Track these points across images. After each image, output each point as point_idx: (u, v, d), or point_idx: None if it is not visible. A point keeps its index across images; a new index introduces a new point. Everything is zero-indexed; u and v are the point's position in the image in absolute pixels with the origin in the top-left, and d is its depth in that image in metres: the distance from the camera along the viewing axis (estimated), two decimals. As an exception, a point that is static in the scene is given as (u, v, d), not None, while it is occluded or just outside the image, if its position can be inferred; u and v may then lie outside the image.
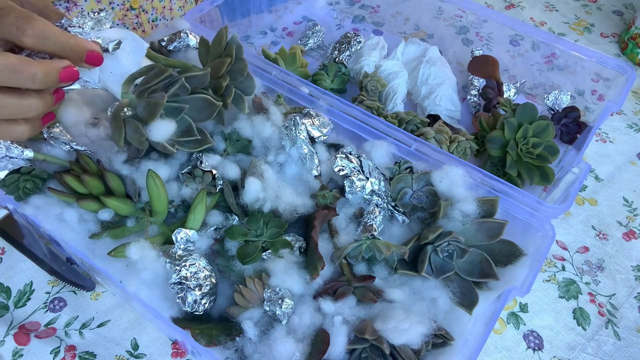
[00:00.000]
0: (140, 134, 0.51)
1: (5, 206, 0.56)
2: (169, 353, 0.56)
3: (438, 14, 0.92)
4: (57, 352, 0.55)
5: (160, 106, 0.49)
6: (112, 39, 0.53)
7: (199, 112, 0.54)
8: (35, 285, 0.60)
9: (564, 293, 0.64)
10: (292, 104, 0.67)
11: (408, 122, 0.69)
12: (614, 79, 0.76)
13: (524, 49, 0.84)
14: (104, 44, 0.52)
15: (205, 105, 0.53)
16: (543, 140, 0.66)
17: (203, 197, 0.52)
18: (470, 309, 0.50)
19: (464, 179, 0.56)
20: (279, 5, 1.00)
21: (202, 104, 0.53)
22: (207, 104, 0.53)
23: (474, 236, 0.53)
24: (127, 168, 0.56)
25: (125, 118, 0.52)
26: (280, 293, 0.48)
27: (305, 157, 0.58)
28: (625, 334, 0.61)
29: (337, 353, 0.45)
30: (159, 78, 0.51)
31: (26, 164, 0.55)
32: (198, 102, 0.53)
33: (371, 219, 0.54)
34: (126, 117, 0.52)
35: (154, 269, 0.50)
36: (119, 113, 0.52)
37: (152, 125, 0.50)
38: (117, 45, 0.53)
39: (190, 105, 0.52)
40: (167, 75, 0.51)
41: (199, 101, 0.53)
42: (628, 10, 1.09)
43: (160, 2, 0.90)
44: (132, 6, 0.87)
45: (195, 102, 0.53)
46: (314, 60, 0.90)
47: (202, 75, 0.53)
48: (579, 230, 0.70)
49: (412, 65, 0.84)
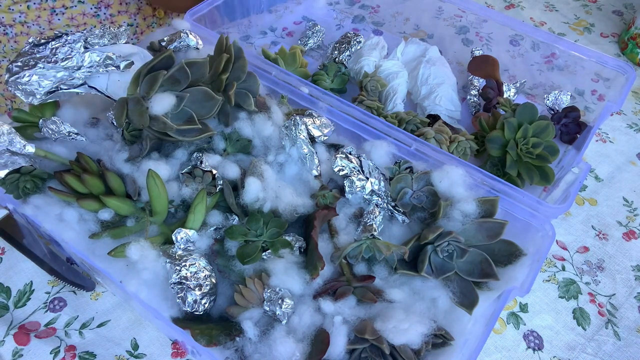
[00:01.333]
0: (141, 107, 0.51)
1: (5, 206, 0.56)
2: (169, 353, 0.56)
3: (438, 14, 0.92)
4: (57, 352, 0.55)
5: (160, 76, 0.50)
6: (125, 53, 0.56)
7: (200, 107, 0.54)
8: (35, 285, 0.60)
9: (564, 293, 0.64)
10: (292, 104, 0.67)
11: (408, 122, 0.69)
12: (614, 79, 0.76)
13: (524, 49, 0.84)
14: (117, 60, 0.54)
15: (205, 98, 0.54)
16: (543, 140, 0.66)
17: (203, 197, 0.52)
18: (470, 309, 0.50)
19: (464, 179, 0.56)
20: (278, 5, 1.00)
21: (202, 96, 0.54)
22: (207, 97, 0.53)
23: (474, 236, 0.53)
24: (127, 167, 0.56)
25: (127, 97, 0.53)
26: (280, 293, 0.48)
27: (305, 157, 0.58)
28: (625, 334, 0.61)
29: (337, 353, 0.45)
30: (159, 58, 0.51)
31: (26, 161, 0.55)
32: (198, 94, 0.53)
33: (371, 219, 0.54)
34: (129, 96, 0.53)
35: (154, 269, 0.50)
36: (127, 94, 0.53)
37: (153, 98, 0.51)
38: (128, 66, 0.55)
39: (190, 97, 0.53)
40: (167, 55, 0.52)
41: (199, 93, 0.53)
42: (628, 10, 1.09)
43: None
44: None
45: (195, 94, 0.53)
46: (314, 60, 0.90)
47: (201, 63, 0.54)
48: (579, 230, 0.70)
49: (412, 65, 0.84)
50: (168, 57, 0.53)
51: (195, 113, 0.54)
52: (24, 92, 0.54)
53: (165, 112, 0.52)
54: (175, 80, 0.52)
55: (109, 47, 0.58)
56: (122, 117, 0.53)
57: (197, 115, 0.54)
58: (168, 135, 0.53)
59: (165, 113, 0.52)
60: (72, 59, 0.54)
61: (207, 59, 0.55)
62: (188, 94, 0.53)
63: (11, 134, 0.54)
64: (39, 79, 0.54)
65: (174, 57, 0.54)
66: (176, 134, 0.53)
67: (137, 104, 0.52)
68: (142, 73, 0.53)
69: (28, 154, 0.55)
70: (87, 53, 0.55)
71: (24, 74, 0.54)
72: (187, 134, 0.54)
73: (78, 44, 0.55)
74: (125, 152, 0.57)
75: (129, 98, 0.53)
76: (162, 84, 0.52)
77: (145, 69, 0.53)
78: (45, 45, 0.55)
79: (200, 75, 0.54)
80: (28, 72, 0.54)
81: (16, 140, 0.54)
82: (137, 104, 0.52)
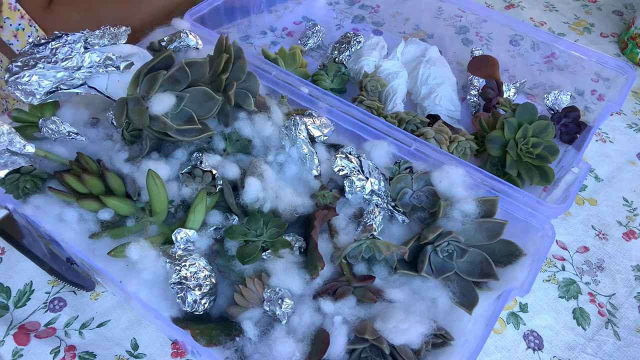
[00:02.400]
0: (141, 106, 0.51)
1: (5, 206, 0.57)
2: (169, 353, 0.56)
3: (438, 14, 0.92)
4: (57, 352, 0.55)
5: (160, 76, 0.50)
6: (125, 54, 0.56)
7: (200, 107, 0.54)
8: (35, 285, 0.60)
9: (563, 293, 0.64)
10: (292, 104, 0.67)
11: (408, 122, 0.69)
12: (614, 79, 0.76)
13: (524, 49, 0.84)
14: (116, 61, 0.54)
15: (205, 98, 0.54)
16: (543, 140, 0.66)
17: (203, 197, 0.52)
18: (470, 309, 0.50)
19: (464, 179, 0.56)
20: (278, 5, 1.00)
21: (202, 96, 0.54)
22: (207, 97, 0.53)
23: (474, 236, 0.53)
24: (127, 167, 0.56)
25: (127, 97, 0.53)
26: (280, 293, 0.48)
27: (305, 157, 0.58)
28: (625, 334, 0.61)
29: (337, 353, 0.45)
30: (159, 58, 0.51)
31: (26, 161, 0.55)
32: (198, 94, 0.53)
33: (371, 219, 0.54)
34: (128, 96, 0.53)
35: (154, 269, 0.50)
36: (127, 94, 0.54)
37: (153, 98, 0.51)
38: (128, 66, 0.55)
39: (190, 97, 0.53)
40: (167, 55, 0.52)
41: (199, 93, 0.53)
42: (628, 10, 1.09)
43: None
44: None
45: (195, 94, 0.53)
46: (314, 60, 0.90)
47: (201, 63, 0.54)
48: (579, 230, 0.70)
49: (412, 65, 0.84)
50: (168, 57, 0.53)
51: (195, 113, 0.54)
52: (23, 92, 0.54)
53: (165, 112, 0.52)
54: (175, 80, 0.53)
55: (109, 47, 0.58)
56: (122, 117, 0.53)
57: (197, 115, 0.54)
58: (168, 135, 0.53)
59: (165, 113, 0.52)
60: (72, 59, 0.55)
61: (207, 59, 0.55)
62: (188, 94, 0.53)
63: (11, 134, 0.54)
64: (38, 79, 0.54)
65: (174, 57, 0.54)
66: (176, 133, 0.53)
67: (137, 103, 0.52)
68: (142, 73, 0.53)
69: (28, 154, 0.55)
70: (87, 53, 0.55)
71: (23, 74, 0.54)
72: (187, 134, 0.54)
73: (78, 44, 0.55)
74: (125, 152, 0.57)
75: (128, 98, 0.53)
76: (162, 83, 0.52)
77: (145, 69, 0.53)
78: (45, 45, 0.55)
79: (200, 75, 0.54)
80: (28, 72, 0.54)
81: (16, 140, 0.54)
82: (137, 103, 0.52)
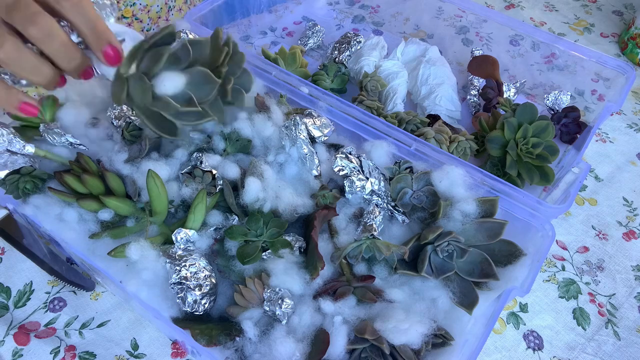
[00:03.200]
0: (144, 84, 0.48)
1: (5, 206, 0.56)
2: (169, 353, 0.56)
3: (438, 14, 0.92)
4: (57, 352, 0.55)
5: (165, 51, 0.47)
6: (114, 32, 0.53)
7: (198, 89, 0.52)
8: (35, 285, 0.60)
9: (563, 293, 0.64)
10: (292, 104, 0.67)
11: (408, 122, 0.69)
12: (614, 79, 0.76)
13: (524, 49, 0.84)
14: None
15: (204, 80, 0.51)
16: (543, 140, 0.66)
17: (203, 197, 0.52)
18: (470, 309, 0.50)
19: (464, 179, 0.56)
20: (278, 5, 1.00)
21: (201, 79, 0.52)
22: (206, 79, 0.51)
23: (474, 236, 0.53)
24: (127, 168, 0.56)
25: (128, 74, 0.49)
26: (280, 293, 0.48)
27: (305, 157, 0.58)
28: (625, 334, 0.61)
29: (337, 353, 0.45)
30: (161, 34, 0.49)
31: (26, 161, 0.55)
32: (198, 75, 0.52)
33: (371, 219, 0.54)
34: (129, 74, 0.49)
35: (154, 269, 0.50)
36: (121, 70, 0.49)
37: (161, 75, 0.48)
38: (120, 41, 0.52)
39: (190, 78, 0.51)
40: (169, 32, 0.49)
41: (199, 75, 0.52)
42: (628, 10, 1.09)
43: (157, 12, 0.90)
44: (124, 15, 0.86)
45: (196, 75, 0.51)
46: (314, 60, 0.90)
47: (203, 42, 0.52)
48: (579, 230, 0.70)
49: (412, 65, 0.84)
50: (170, 33, 0.49)
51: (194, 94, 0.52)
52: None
53: (175, 93, 0.48)
54: (176, 59, 0.50)
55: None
56: (123, 93, 0.49)
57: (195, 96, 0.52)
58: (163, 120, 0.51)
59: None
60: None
61: (209, 39, 0.52)
62: (189, 74, 0.50)
63: (11, 134, 0.54)
64: None
65: (175, 34, 0.51)
66: (174, 117, 0.50)
67: (140, 80, 0.48)
68: (143, 48, 0.50)
69: (28, 154, 0.55)
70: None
71: None
72: (185, 118, 0.51)
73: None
74: (125, 152, 0.57)
75: (129, 74, 0.49)
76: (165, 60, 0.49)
77: (147, 44, 0.50)
78: None
79: (199, 56, 0.52)
80: None
81: (16, 140, 0.54)
82: (140, 80, 0.48)
